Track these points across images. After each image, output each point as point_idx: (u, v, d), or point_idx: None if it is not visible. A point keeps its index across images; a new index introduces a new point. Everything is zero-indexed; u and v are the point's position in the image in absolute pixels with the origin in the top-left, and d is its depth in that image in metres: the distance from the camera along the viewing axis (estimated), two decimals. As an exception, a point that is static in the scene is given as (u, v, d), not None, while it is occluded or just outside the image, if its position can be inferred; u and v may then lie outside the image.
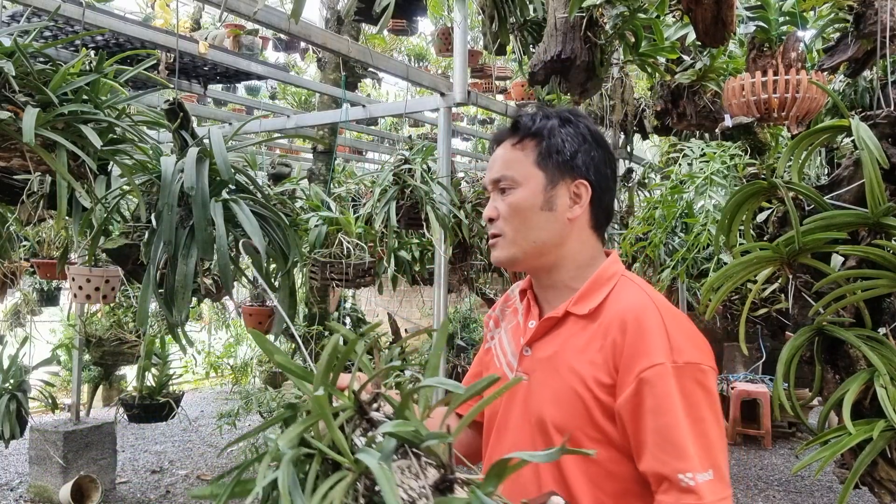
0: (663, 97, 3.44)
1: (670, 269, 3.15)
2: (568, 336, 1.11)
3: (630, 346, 1.02)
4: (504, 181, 1.15)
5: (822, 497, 4.80)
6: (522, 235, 1.13)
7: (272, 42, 6.42)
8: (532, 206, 1.13)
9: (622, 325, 1.04)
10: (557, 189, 1.13)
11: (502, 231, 1.14)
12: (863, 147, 1.49)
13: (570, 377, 1.06)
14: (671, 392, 0.97)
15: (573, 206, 1.14)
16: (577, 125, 1.17)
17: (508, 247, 1.14)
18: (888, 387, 1.44)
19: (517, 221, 1.13)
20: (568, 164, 1.14)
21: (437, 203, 3.00)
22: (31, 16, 2.84)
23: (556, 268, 1.16)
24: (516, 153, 1.15)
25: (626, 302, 1.08)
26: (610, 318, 1.07)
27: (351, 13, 3.13)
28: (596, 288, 1.13)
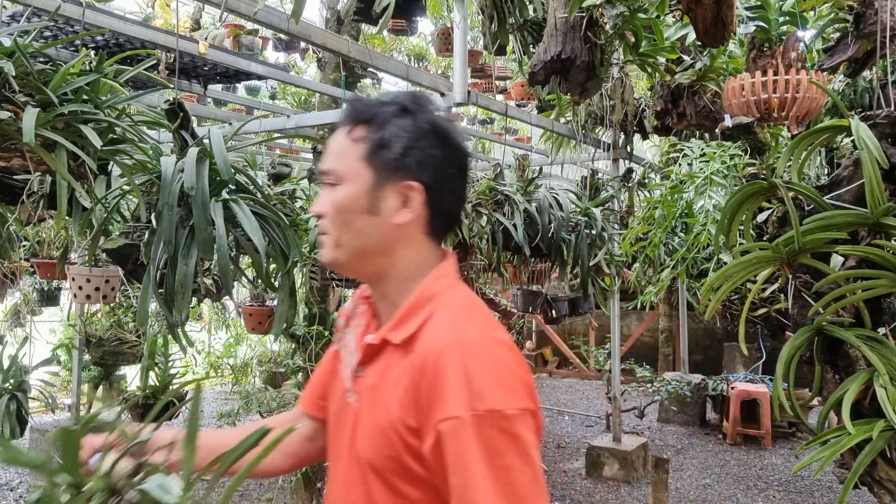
0: (663, 97, 3.44)
1: (670, 269, 3.15)
2: (386, 366, 0.99)
3: (428, 392, 0.90)
4: (331, 175, 1.02)
5: (821, 497, 4.80)
6: (346, 239, 1.01)
7: (272, 42, 6.42)
8: (354, 208, 0.99)
9: (423, 365, 0.92)
10: (384, 190, 0.99)
11: (328, 230, 1.02)
12: (862, 147, 1.49)
13: (382, 414, 0.95)
14: (468, 447, 0.86)
15: (401, 211, 1.00)
16: (416, 117, 1.01)
17: (332, 249, 1.02)
18: (888, 387, 1.44)
19: (340, 222, 1.00)
20: (397, 162, 0.99)
21: (437, 203, 2.99)
22: (31, 16, 2.84)
23: (383, 279, 1.04)
24: (347, 143, 1.01)
25: (434, 335, 0.95)
26: (421, 352, 0.94)
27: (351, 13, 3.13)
28: (413, 312, 0.99)
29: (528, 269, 4.73)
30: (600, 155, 5.39)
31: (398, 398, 0.93)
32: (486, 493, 0.84)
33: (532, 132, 8.32)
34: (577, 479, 5.11)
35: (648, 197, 3.71)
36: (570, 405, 7.61)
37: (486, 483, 0.85)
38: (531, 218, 3.77)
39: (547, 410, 7.35)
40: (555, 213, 3.86)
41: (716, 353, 8.11)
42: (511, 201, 3.71)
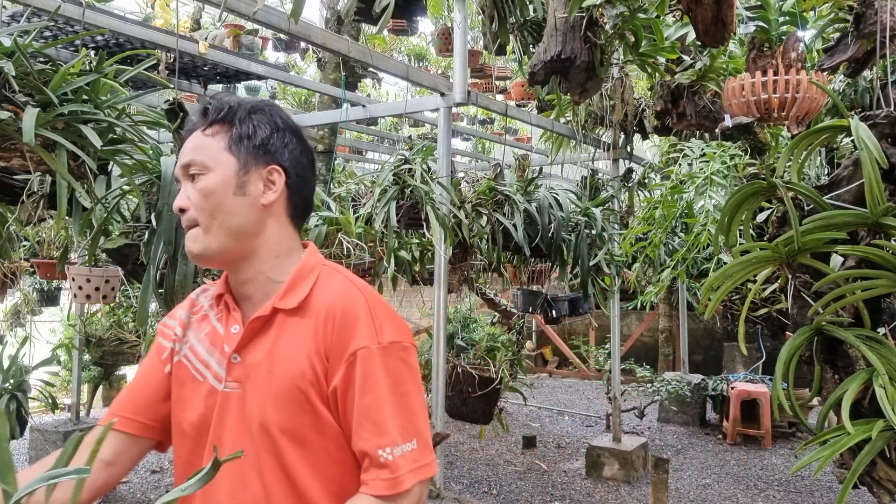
0: (663, 97, 3.44)
1: (670, 269, 3.15)
2: (279, 333, 1.09)
3: (339, 332, 1.06)
4: (194, 166, 1.09)
5: (821, 497, 4.80)
6: (218, 223, 1.08)
7: (272, 42, 6.42)
8: (225, 191, 1.09)
9: (331, 314, 1.07)
10: (250, 174, 1.11)
11: (196, 220, 1.09)
12: (862, 147, 1.49)
13: (287, 374, 1.05)
14: (376, 371, 1.04)
15: (267, 192, 1.12)
16: (268, 113, 1.15)
17: (204, 237, 1.09)
18: (887, 387, 1.45)
19: (211, 207, 1.08)
20: (260, 148, 1.12)
21: (437, 203, 3.00)
22: (31, 16, 2.84)
23: (255, 257, 1.13)
24: (207, 139, 1.11)
25: (332, 291, 1.10)
26: (318, 308, 1.08)
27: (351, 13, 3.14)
28: (300, 280, 1.12)
29: (528, 269, 4.73)
30: (600, 155, 5.39)
31: (304, 352, 1.06)
32: (391, 412, 1.04)
33: (532, 132, 8.32)
34: (577, 479, 5.11)
35: (648, 197, 3.72)
36: (570, 405, 7.61)
37: (390, 404, 1.04)
38: (531, 218, 3.77)
39: (547, 410, 7.35)
40: (555, 213, 3.86)
41: (716, 353, 8.12)
42: (511, 201, 3.71)
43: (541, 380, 8.96)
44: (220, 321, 1.16)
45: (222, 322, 1.15)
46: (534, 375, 8.90)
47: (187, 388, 1.14)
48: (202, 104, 1.15)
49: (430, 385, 3.67)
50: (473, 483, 5.01)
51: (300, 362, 1.06)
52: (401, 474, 1.02)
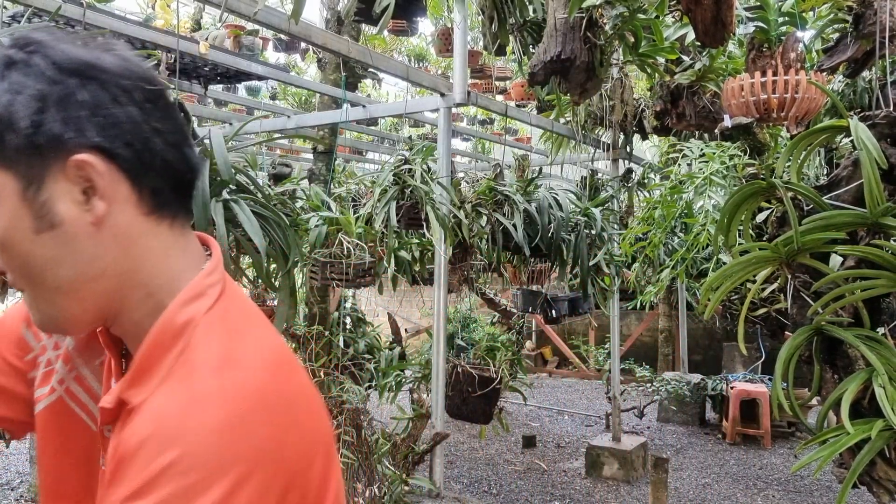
0: (663, 97, 3.45)
1: (670, 269, 3.15)
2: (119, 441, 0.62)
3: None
4: None
5: (821, 496, 4.81)
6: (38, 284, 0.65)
7: (272, 42, 6.42)
8: (19, 236, 0.63)
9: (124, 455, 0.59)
10: (43, 189, 0.62)
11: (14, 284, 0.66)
12: (861, 147, 1.50)
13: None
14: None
15: (89, 203, 0.63)
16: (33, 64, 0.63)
17: (36, 308, 0.67)
18: (887, 386, 1.45)
19: (17, 266, 0.64)
20: (37, 138, 0.61)
21: (437, 203, 3.00)
22: (31, 16, 2.84)
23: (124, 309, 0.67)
24: None
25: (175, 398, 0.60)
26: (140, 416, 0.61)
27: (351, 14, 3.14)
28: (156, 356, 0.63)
29: (527, 269, 4.73)
30: (600, 155, 5.40)
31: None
32: None
33: (532, 132, 8.32)
34: (576, 479, 5.12)
35: (648, 197, 3.72)
36: (569, 405, 7.61)
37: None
38: (531, 218, 3.78)
39: (547, 410, 7.36)
40: (554, 214, 3.87)
41: (715, 353, 8.12)
42: (511, 201, 3.71)
43: (541, 379, 8.97)
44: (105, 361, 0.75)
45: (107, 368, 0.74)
46: (534, 375, 8.90)
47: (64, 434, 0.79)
48: None
49: (431, 385, 3.67)
50: (473, 482, 5.01)
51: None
52: None
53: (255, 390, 0.60)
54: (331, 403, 3.20)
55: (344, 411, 3.18)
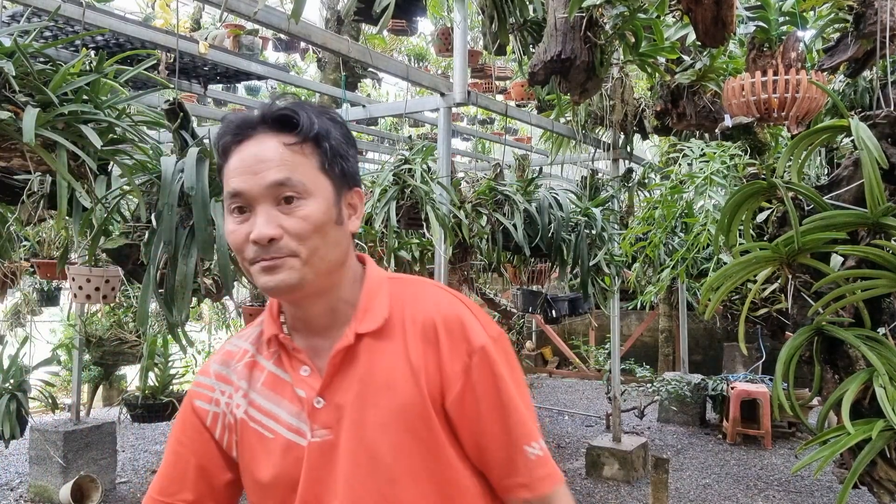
0: (663, 97, 3.45)
1: (670, 269, 3.15)
2: (369, 361, 0.97)
3: (447, 343, 0.97)
4: (290, 188, 0.92)
5: (821, 497, 4.80)
6: (320, 256, 0.94)
7: (272, 42, 6.42)
8: (329, 220, 0.95)
9: (428, 327, 0.98)
10: (342, 200, 0.98)
11: (296, 251, 0.92)
12: (862, 147, 1.49)
13: (396, 403, 0.95)
14: (499, 368, 0.97)
15: (352, 218, 1.01)
16: (343, 126, 1.01)
17: (301, 269, 0.93)
18: (887, 387, 1.45)
19: (317, 239, 0.93)
20: (347, 171, 0.99)
21: (437, 203, 3.00)
22: (31, 16, 2.84)
23: (337, 287, 1.00)
24: (297, 156, 0.93)
25: (422, 304, 1.00)
26: (408, 325, 0.98)
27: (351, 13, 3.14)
28: (373, 298, 1.01)
29: (528, 269, 4.73)
30: (600, 155, 5.39)
31: (408, 372, 0.96)
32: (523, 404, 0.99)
33: (532, 132, 8.32)
34: (577, 479, 5.12)
35: (648, 197, 3.72)
36: (570, 405, 7.61)
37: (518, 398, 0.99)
38: (531, 218, 3.77)
39: (547, 410, 7.35)
40: (555, 213, 3.87)
41: (716, 353, 8.12)
42: (511, 201, 3.71)
43: (541, 380, 8.96)
44: (280, 366, 1.02)
45: (282, 366, 1.01)
46: (534, 375, 8.90)
47: (255, 447, 1.00)
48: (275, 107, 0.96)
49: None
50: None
51: (406, 387, 0.95)
52: (551, 470, 0.98)
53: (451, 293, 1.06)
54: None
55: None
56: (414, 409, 0.95)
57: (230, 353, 1.08)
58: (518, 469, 0.96)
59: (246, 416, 1.02)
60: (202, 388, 1.07)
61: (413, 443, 0.95)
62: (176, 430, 1.08)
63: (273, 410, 1.00)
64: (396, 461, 0.95)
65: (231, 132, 0.96)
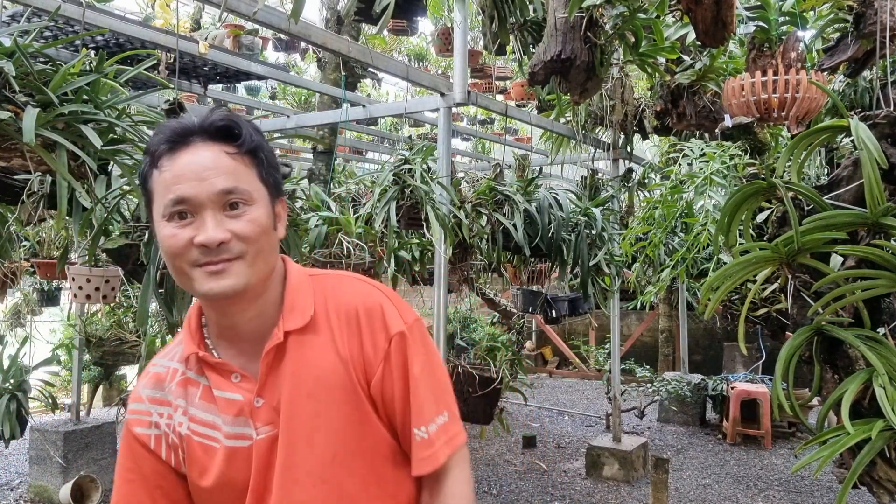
0: (663, 97, 3.45)
1: (670, 269, 3.15)
2: (297, 356, 1.03)
3: (368, 330, 1.04)
4: (237, 194, 0.97)
5: (821, 497, 4.81)
6: (263, 258, 1.01)
7: (272, 42, 6.42)
8: (269, 227, 1.02)
9: (352, 316, 1.05)
10: (275, 208, 1.05)
11: (242, 253, 0.98)
12: (862, 147, 1.49)
13: (328, 392, 1.02)
14: (415, 348, 1.05)
15: (280, 225, 1.07)
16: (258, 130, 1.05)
17: (246, 271, 0.98)
18: (887, 387, 1.45)
19: (263, 241, 1.00)
20: (278, 182, 1.06)
21: (437, 203, 3.00)
22: (31, 16, 2.84)
23: (267, 291, 1.05)
24: (239, 165, 0.99)
25: (343, 295, 1.08)
26: (331, 316, 1.05)
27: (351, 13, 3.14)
28: (297, 295, 1.06)
29: (528, 269, 4.73)
30: (600, 155, 5.39)
31: (335, 360, 1.03)
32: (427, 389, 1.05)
33: (532, 132, 8.32)
34: (577, 479, 5.12)
35: (648, 197, 3.72)
36: (570, 405, 7.61)
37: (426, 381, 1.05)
38: (531, 218, 3.77)
39: (547, 410, 7.35)
40: (555, 213, 3.87)
41: (716, 353, 8.12)
42: (511, 201, 3.71)
43: (541, 380, 8.96)
44: (210, 378, 1.05)
45: (212, 378, 1.05)
46: (534, 375, 8.90)
47: (202, 458, 1.04)
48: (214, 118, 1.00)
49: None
50: (473, 483, 5.01)
51: (335, 375, 1.02)
52: (436, 450, 1.03)
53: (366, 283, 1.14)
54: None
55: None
56: (345, 395, 1.02)
57: (159, 374, 1.10)
58: (418, 444, 1.04)
59: (189, 431, 1.05)
60: (138, 415, 1.09)
61: (347, 427, 1.02)
62: (123, 460, 1.10)
63: (214, 421, 1.04)
64: (332, 445, 1.01)
65: (167, 139, 0.98)
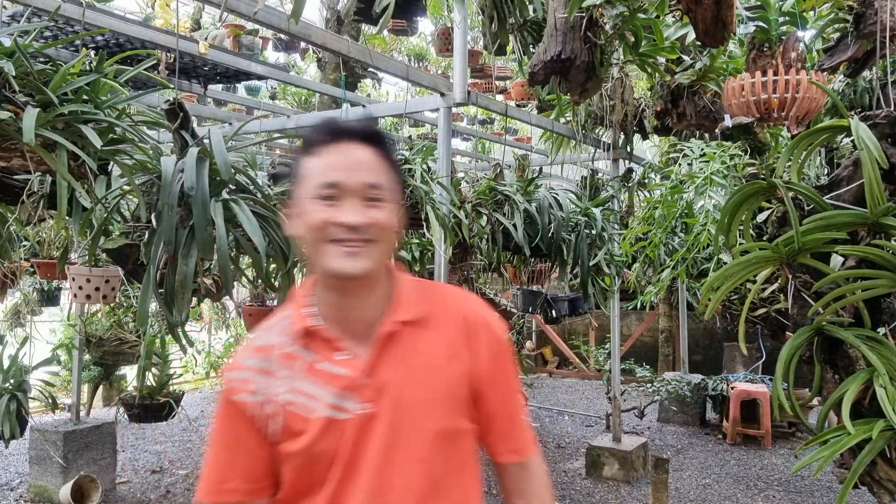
0: (663, 97, 3.45)
1: (670, 269, 3.15)
2: (411, 346, 1.14)
3: (483, 335, 1.18)
4: (379, 190, 1.11)
5: (821, 497, 4.81)
6: (385, 248, 1.13)
7: (272, 42, 6.42)
8: (395, 224, 1.14)
9: (469, 320, 1.19)
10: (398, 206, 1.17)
11: (375, 238, 1.10)
12: (862, 147, 1.49)
13: (437, 382, 1.13)
14: (509, 356, 1.21)
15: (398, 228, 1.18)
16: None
17: (375, 255, 1.11)
18: (887, 387, 1.45)
19: (390, 235, 1.13)
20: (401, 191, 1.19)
21: (437, 203, 3.00)
22: (31, 16, 2.84)
23: (377, 281, 1.16)
24: (382, 167, 1.13)
25: (452, 299, 1.23)
26: (447, 316, 1.19)
27: (351, 13, 3.14)
28: (409, 292, 1.19)
29: (528, 269, 4.73)
30: (600, 155, 5.39)
31: (447, 357, 1.15)
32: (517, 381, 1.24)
33: (532, 132, 8.32)
34: (576, 479, 5.11)
35: (648, 197, 3.72)
36: (570, 405, 7.61)
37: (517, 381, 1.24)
38: (531, 218, 3.77)
39: (547, 410, 7.35)
40: (555, 213, 3.86)
41: (716, 353, 8.12)
42: (511, 201, 3.71)
43: (541, 380, 8.96)
44: (317, 352, 1.14)
45: (319, 353, 1.14)
46: (534, 375, 8.89)
47: (298, 428, 1.11)
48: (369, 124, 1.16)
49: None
50: (473, 483, 5.00)
51: (446, 369, 1.14)
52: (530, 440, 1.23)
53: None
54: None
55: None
56: (451, 388, 1.14)
57: (263, 347, 1.17)
58: (515, 436, 1.20)
59: (288, 401, 1.11)
60: (239, 383, 1.15)
61: (447, 416, 1.13)
62: (220, 427, 1.17)
63: (316, 393, 1.11)
64: (433, 431, 1.11)
65: (328, 132, 1.13)
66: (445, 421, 1.13)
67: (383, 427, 1.10)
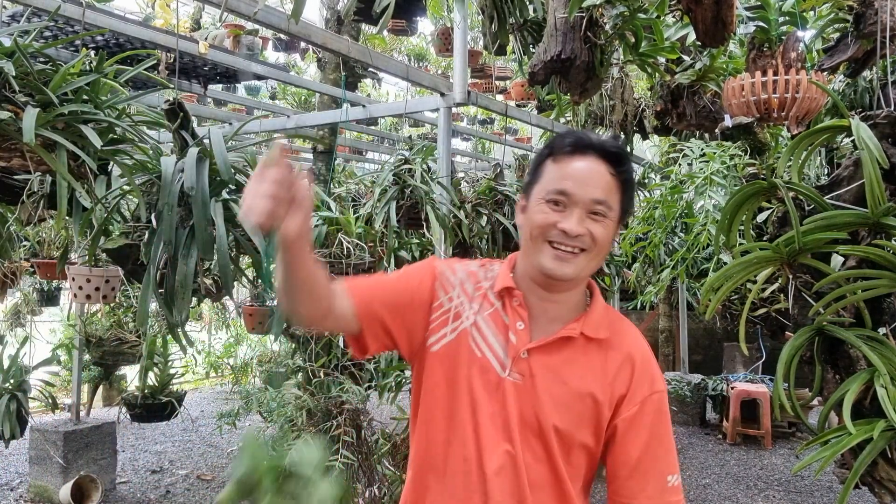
0: (663, 97, 3.44)
1: (670, 269, 3.15)
2: (578, 353, 1.21)
3: (639, 377, 1.21)
4: (604, 206, 1.18)
5: (822, 497, 4.80)
6: (597, 260, 1.21)
7: (272, 42, 6.42)
8: (610, 244, 1.22)
9: (632, 358, 1.22)
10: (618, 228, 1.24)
11: (588, 248, 1.18)
12: (863, 147, 1.49)
13: (581, 388, 1.18)
14: (662, 412, 1.22)
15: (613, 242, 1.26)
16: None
17: (581, 268, 1.19)
18: (888, 387, 1.45)
19: (602, 250, 1.20)
20: (630, 211, 1.25)
21: (437, 203, 3.00)
22: (31, 16, 2.84)
23: (576, 290, 1.25)
24: (613, 185, 1.19)
25: (630, 336, 1.27)
26: (617, 347, 1.23)
27: (351, 13, 3.14)
28: (599, 313, 1.25)
29: (528, 270, 4.72)
30: (600, 155, 5.37)
31: (600, 377, 1.20)
32: (670, 445, 1.22)
33: (532, 132, 8.32)
34: (577, 479, 5.11)
35: (648, 197, 3.72)
36: (570, 405, 7.61)
37: (668, 438, 1.22)
38: (531, 218, 3.76)
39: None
40: (555, 213, 3.85)
41: (716, 353, 8.11)
42: (511, 201, 3.70)
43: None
44: (504, 309, 1.23)
45: (505, 311, 1.23)
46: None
47: (463, 356, 1.21)
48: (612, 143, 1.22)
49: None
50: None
51: (594, 384, 1.19)
52: (680, 499, 1.20)
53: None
54: (330, 404, 3.19)
55: (344, 412, 3.17)
56: (593, 404, 1.18)
57: (474, 274, 1.29)
58: (648, 491, 1.19)
59: (469, 329, 1.23)
60: (448, 269, 1.29)
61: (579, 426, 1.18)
62: (409, 268, 1.31)
63: (489, 339, 1.22)
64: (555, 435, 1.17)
65: (573, 143, 1.20)
66: (565, 424, 1.17)
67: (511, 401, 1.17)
